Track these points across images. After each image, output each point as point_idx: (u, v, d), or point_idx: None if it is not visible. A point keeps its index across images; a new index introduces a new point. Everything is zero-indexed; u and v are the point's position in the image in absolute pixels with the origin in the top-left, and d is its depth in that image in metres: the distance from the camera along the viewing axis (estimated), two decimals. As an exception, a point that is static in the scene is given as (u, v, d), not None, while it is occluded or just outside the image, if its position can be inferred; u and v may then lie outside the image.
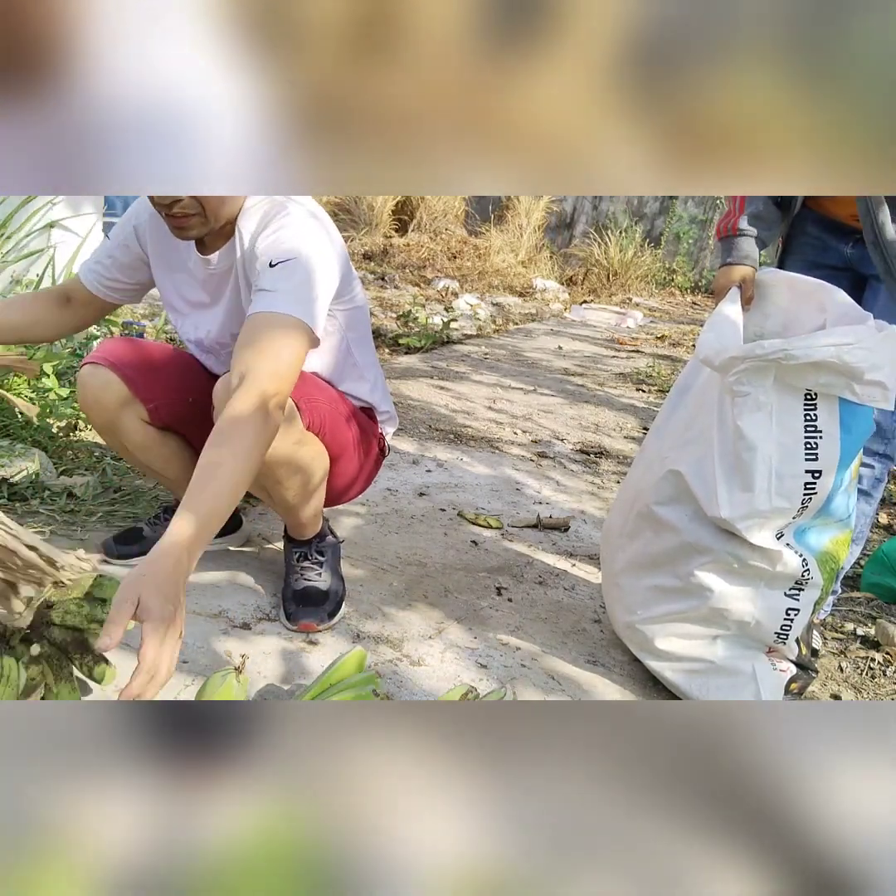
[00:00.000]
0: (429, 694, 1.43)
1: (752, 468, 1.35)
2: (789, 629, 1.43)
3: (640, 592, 1.54)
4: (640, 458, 1.63)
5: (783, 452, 1.35)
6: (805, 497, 1.35)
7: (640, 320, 6.94)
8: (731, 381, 1.35)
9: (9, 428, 2.11)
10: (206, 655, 1.42)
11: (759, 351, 1.31)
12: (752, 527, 1.37)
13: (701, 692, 1.48)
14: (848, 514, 1.45)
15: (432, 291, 6.48)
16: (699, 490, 1.42)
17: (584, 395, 4.11)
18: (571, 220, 9.68)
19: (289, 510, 1.57)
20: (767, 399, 1.34)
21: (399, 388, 3.56)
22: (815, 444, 1.34)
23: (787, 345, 1.29)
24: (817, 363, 1.28)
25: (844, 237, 1.68)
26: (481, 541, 2.12)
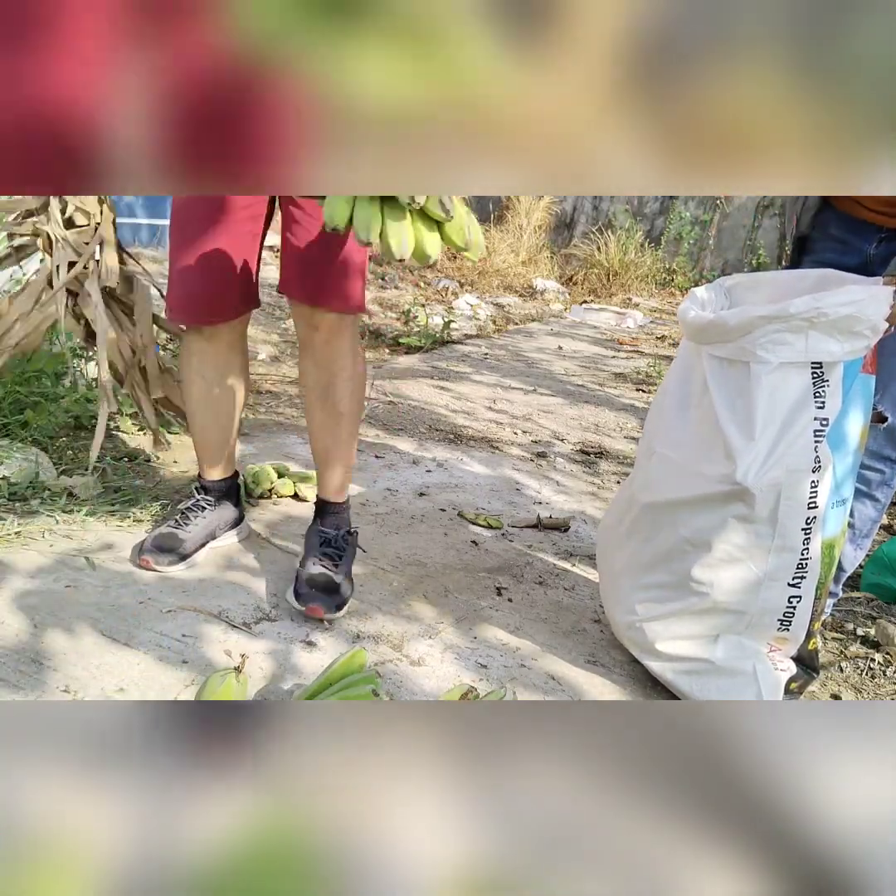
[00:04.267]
0: (429, 694, 1.43)
1: (764, 430, 1.34)
2: (792, 615, 1.42)
3: (639, 592, 1.53)
4: (636, 458, 1.64)
5: (795, 414, 1.34)
6: (816, 444, 1.34)
7: (641, 320, 6.94)
8: (754, 343, 1.33)
9: (9, 428, 2.11)
10: (206, 655, 1.42)
11: (793, 310, 1.29)
12: (766, 493, 1.35)
13: (702, 693, 1.47)
14: (850, 495, 1.45)
15: (432, 291, 6.48)
16: (704, 468, 1.41)
17: (585, 395, 4.11)
18: (571, 220, 9.68)
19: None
20: (795, 359, 1.32)
21: (399, 388, 3.56)
22: (822, 403, 1.34)
23: (817, 302, 1.29)
24: (843, 318, 1.28)
25: (869, 236, 1.65)
26: (481, 541, 2.12)
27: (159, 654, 1.40)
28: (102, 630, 1.44)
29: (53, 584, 1.55)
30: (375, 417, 3.08)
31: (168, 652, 1.41)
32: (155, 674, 1.35)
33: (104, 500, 1.91)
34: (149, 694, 1.31)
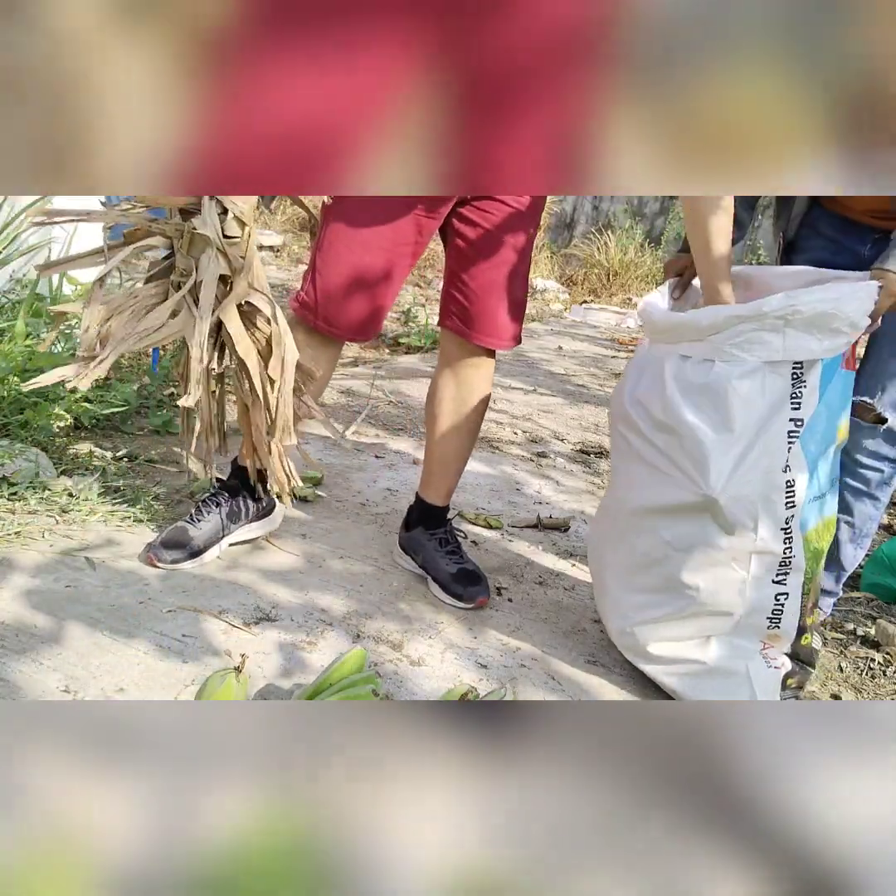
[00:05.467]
0: (429, 694, 1.43)
1: (737, 434, 1.32)
2: (781, 613, 1.41)
3: (630, 597, 1.52)
4: (612, 460, 1.62)
5: (769, 416, 1.32)
6: (790, 446, 1.33)
7: (641, 320, 6.92)
8: (725, 343, 1.31)
9: (9, 428, 2.11)
10: (206, 655, 1.42)
11: (767, 308, 1.27)
12: (739, 500, 1.34)
13: (696, 694, 1.47)
14: (830, 486, 1.44)
15: (432, 291, 6.47)
16: (676, 476, 1.39)
17: (585, 395, 4.11)
18: (571, 220, 9.68)
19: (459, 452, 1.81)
20: (773, 358, 1.30)
21: (399, 388, 3.56)
22: (798, 404, 1.33)
23: (791, 300, 1.26)
24: (819, 315, 1.26)
25: (862, 237, 1.64)
26: (481, 541, 2.12)
27: (159, 654, 1.40)
28: (102, 630, 1.44)
29: (53, 584, 1.55)
30: (375, 417, 3.08)
31: (168, 652, 1.41)
32: (155, 674, 1.35)
33: (104, 500, 1.91)
34: (149, 694, 1.31)
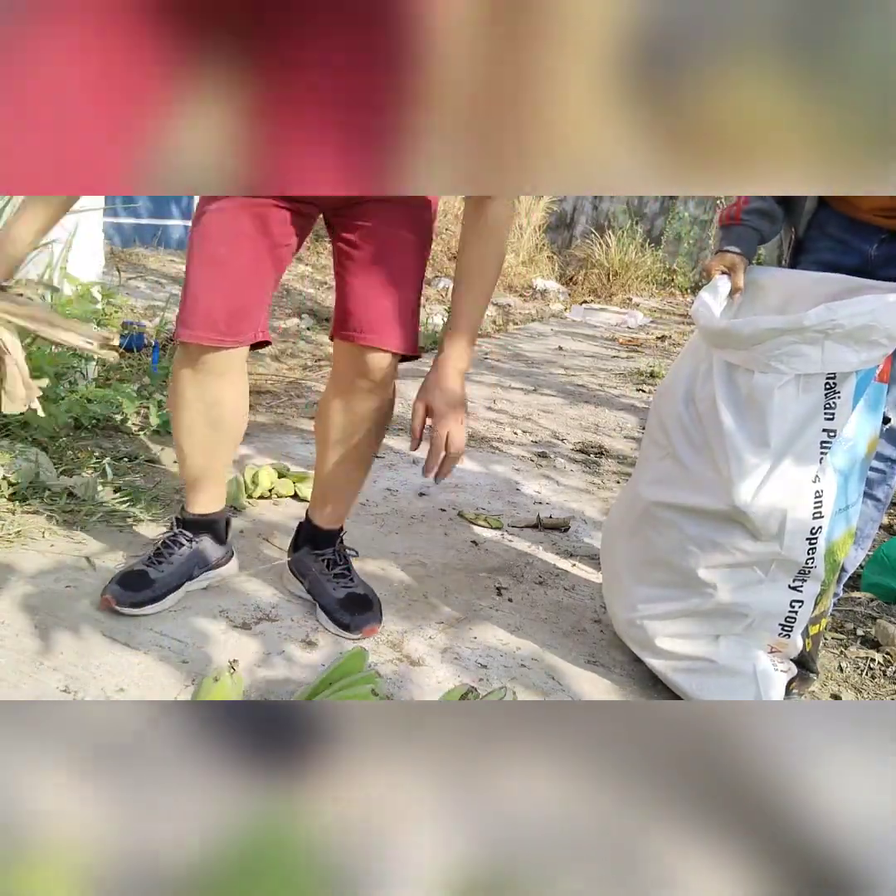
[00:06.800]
0: (429, 694, 1.43)
1: (771, 443, 1.33)
2: (794, 621, 1.42)
3: (642, 589, 1.53)
4: (643, 453, 1.63)
5: (802, 426, 1.33)
6: (822, 457, 1.34)
7: (641, 320, 6.94)
8: (765, 355, 1.32)
9: (9, 428, 2.11)
10: (206, 656, 1.42)
11: (807, 322, 1.28)
12: (768, 509, 1.35)
13: (701, 692, 1.47)
14: (857, 498, 1.45)
15: (432, 291, 6.47)
16: (709, 481, 1.41)
17: (585, 395, 4.12)
18: (571, 220, 9.68)
19: (353, 477, 1.65)
20: (810, 370, 1.31)
21: (399, 388, 3.56)
22: (832, 415, 1.33)
23: (831, 313, 1.27)
24: (858, 328, 1.27)
25: (869, 237, 1.62)
26: (481, 541, 2.12)
27: (159, 654, 1.40)
28: (102, 630, 1.44)
29: (53, 584, 1.55)
30: (375, 417, 3.08)
31: (168, 652, 1.41)
32: (155, 674, 1.35)
33: (104, 500, 1.91)
34: (149, 694, 1.31)
